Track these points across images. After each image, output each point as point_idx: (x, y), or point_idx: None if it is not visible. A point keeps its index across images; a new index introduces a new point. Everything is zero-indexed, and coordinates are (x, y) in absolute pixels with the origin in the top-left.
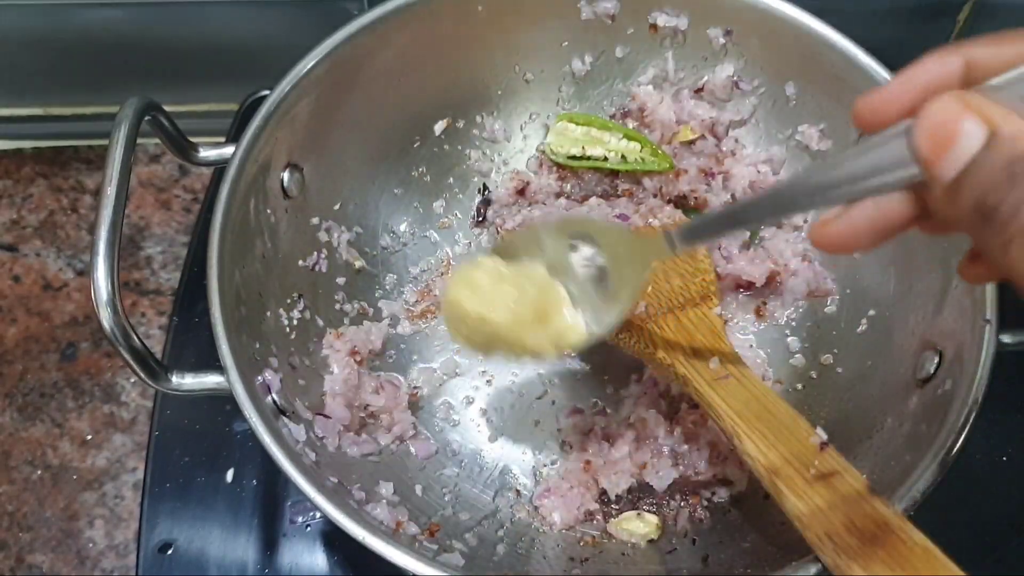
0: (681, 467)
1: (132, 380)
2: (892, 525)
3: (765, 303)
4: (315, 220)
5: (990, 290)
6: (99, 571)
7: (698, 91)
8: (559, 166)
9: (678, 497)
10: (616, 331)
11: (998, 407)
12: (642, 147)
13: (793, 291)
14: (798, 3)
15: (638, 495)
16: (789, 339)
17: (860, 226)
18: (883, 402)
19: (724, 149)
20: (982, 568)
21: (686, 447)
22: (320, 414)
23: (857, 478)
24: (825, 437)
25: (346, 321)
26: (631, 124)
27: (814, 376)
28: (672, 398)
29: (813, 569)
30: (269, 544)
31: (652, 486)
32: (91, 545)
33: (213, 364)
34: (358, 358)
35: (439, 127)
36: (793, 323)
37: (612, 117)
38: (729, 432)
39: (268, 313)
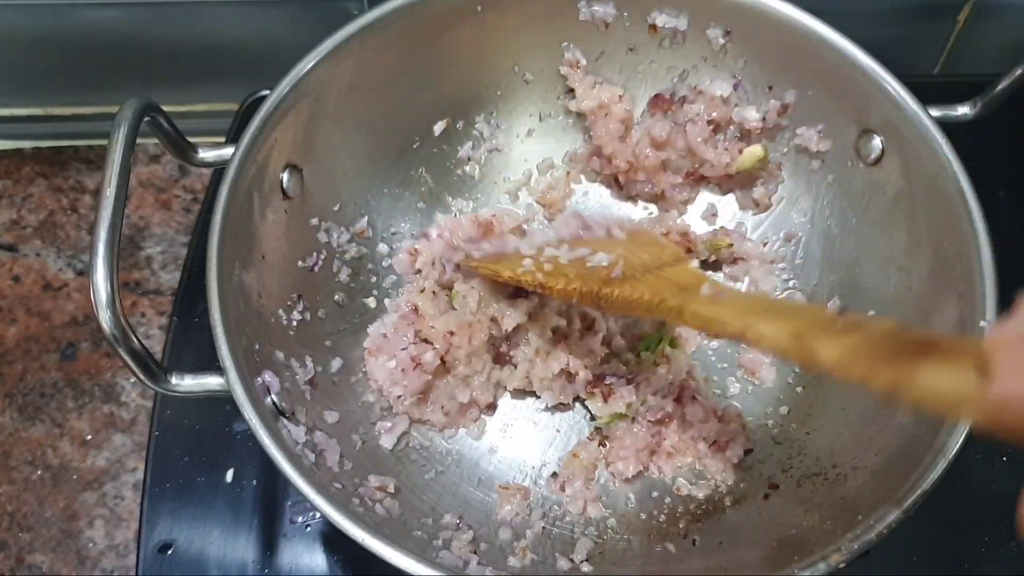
0: None
1: (132, 380)
2: (937, 338)
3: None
4: (314, 221)
5: (990, 291)
6: (99, 571)
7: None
8: None
9: None
10: (598, 291)
11: None
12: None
13: None
14: (798, 3)
15: None
16: None
17: None
18: (883, 403)
19: None
20: (982, 568)
21: None
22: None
23: (887, 320)
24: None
25: (346, 324)
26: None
27: (814, 376)
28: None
29: (814, 570)
30: (269, 544)
31: None
32: (91, 545)
33: (213, 364)
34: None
35: (439, 127)
36: None
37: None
38: (739, 330)
39: (268, 314)
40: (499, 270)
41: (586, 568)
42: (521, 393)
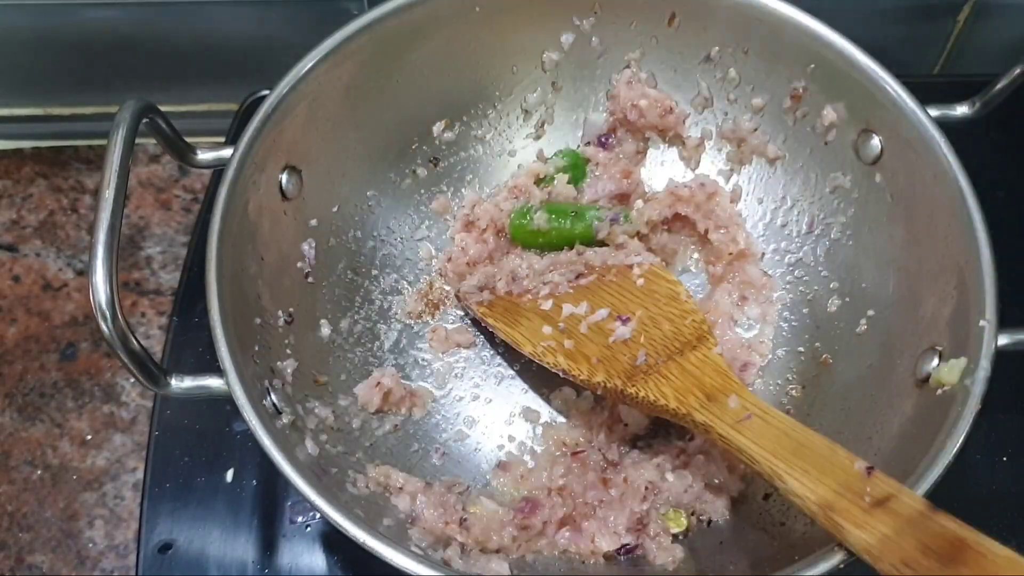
0: None
1: (132, 380)
2: (967, 540)
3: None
4: (313, 222)
5: (990, 290)
6: (99, 571)
7: None
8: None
9: None
10: (623, 390)
11: (998, 407)
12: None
13: None
14: (798, 3)
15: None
16: (789, 340)
17: None
18: (883, 402)
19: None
20: None
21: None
22: None
23: (914, 497)
24: (867, 465)
25: (345, 324)
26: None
27: (814, 376)
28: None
29: (815, 570)
30: (269, 544)
31: None
32: (91, 545)
33: (213, 364)
34: None
35: (438, 128)
36: (793, 323)
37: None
38: (768, 475)
39: (268, 315)
40: (519, 340)
41: (586, 568)
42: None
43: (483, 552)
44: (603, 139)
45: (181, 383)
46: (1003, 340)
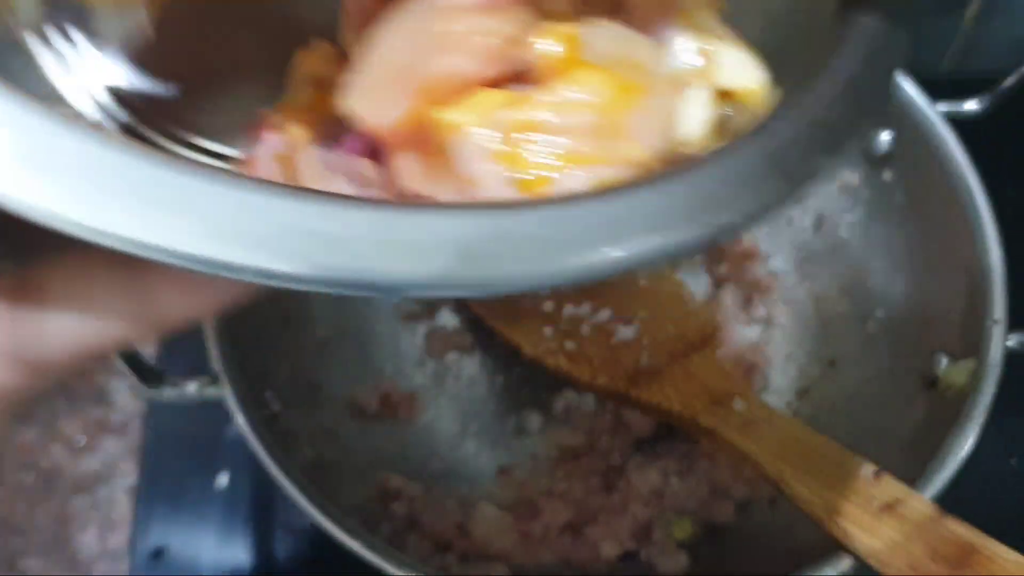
0: None
1: (124, 384)
2: (977, 545)
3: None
4: None
5: (999, 290)
6: None
7: None
8: None
9: None
10: (626, 393)
11: (1008, 410)
12: None
13: None
14: None
15: None
16: (796, 341)
17: None
18: (891, 404)
19: None
20: None
21: None
22: None
23: (923, 501)
24: (875, 468)
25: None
26: None
27: (821, 378)
28: None
29: (817, 571)
30: (263, 550)
31: None
32: (84, 550)
33: (207, 367)
34: None
35: None
36: (800, 324)
37: None
38: (774, 479)
39: (261, 316)
40: (519, 342)
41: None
42: None
43: (483, 558)
44: None
45: (175, 386)
46: (1013, 341)
